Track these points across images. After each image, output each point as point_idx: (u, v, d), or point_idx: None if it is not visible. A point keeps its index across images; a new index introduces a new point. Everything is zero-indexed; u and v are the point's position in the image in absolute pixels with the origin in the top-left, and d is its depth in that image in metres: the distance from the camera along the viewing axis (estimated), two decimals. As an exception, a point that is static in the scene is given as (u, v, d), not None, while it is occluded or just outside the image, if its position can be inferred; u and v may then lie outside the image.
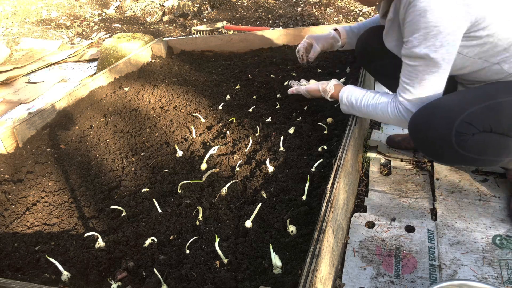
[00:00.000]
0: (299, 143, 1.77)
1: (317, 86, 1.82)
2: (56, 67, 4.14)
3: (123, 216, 1.48)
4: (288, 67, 2.73)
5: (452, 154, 1.31)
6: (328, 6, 5.08)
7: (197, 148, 1.85)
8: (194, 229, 1.37)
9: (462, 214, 1.47)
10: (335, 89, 1.72)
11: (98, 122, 2.17)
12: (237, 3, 5.83)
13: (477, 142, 1.27)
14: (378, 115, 1.51)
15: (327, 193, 1.23)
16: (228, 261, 1.20)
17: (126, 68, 2.87)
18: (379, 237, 1.41)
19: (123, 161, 1.82)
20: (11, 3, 7.17)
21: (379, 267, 1.29)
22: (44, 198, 1.63)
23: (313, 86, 1.86)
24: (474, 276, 1.23)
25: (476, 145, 1.27)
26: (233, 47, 3.23)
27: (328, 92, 1.74)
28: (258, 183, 1.54)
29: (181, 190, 1.56)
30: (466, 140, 1.26)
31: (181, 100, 2.34)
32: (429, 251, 1.33)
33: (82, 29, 5.66)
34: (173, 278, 1.16)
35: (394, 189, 1.65)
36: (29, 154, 1.95)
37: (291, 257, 1.17)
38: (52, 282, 1.19)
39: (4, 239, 1.43)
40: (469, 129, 1.25)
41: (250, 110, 2.14)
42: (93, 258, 1.28)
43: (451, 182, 1.62)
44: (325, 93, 1.76)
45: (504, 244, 1.33)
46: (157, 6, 6.17)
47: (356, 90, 1.60)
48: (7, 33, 5.76)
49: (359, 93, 1.57)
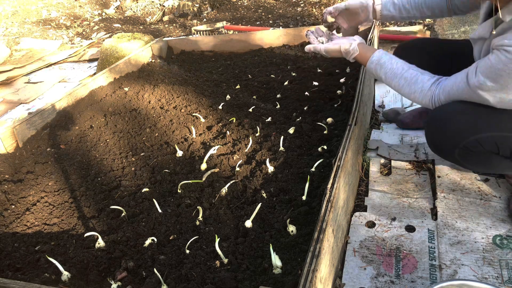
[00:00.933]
0: (299, 143, 1.76)
1: (338, 46, 1.57)
2: (56, 67, 4.14)
3: (123, 216, 1.48)
4: (288, 67, 2.73)
5: (458, 162, 1.42)
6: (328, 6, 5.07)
7: (197, 148, 1.85)
8: (194, 229, 1.37)
9: (463, 214, 1.47)
10: (360, 50, 1.53)
11: (98, 122, 2.17)
12: (237, 3, 5.83)
13: (478, 161, 1.36)
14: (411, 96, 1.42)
15: (327, 193, 1.23)
16: (228, 261, 1.20)
17: (126, 68, 2.87)
18: (379, 237, 1.41)
19: (123, 161, 1.82)
20: (11, 3, 7.17)
21: (379, 267, 1.29)
22: (44, 198, 1.63)
23: (333, 46, 1.58)
24: (474, 276, 1.23)
25: (477, 162, 1.37)
26: (233, 47, 3.23)
27: (351, 54, 1.55)
28: (258, 183, 1.54)
29: (181, 190, 1.56)
30: (468, 158, 1.35)
31: (181, 100, 2.34)
32: (429, 251, 1.33)
33: (82, 29, 5.66)
34: (173, 278, 1.16)
35: (394, 189, 1.64)
36: (29, 154, 1.95)
37: (291, 257, 1.17)
38: (52, 282, 1.19)
39: (4, 239, 1.43)
40: (477, 148, 1.31)
41: (250, 110, 2.14)
42: (93, 258, 1.28)
43: (453, 181, 1.62)
44: (348, 55, 1.56)
45: (504, 244, 1.32)
46: (157, 6, 6.17)
47: (388, 58, 1.47)
48: (7, 33, 5.76)
49: (392, 64, 1.45)
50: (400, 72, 1.43)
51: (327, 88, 2.29)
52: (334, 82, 2.35)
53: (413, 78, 1.40)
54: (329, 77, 2.45)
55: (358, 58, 1.55)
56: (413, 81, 1.40)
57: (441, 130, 1.34)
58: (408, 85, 1.41)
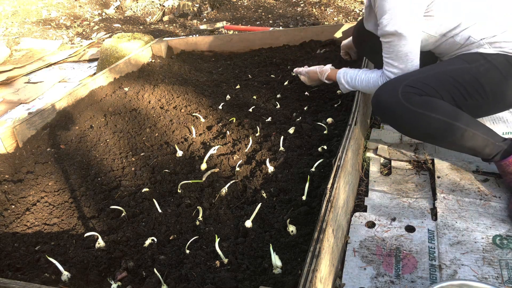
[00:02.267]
0: (299, 143, 1.77)
1: (315, 68, 2.10)
2: (56, 67, 4.14)
3: (123, 216, 1.48)
4: (288, 67, 2.73)
5: (404, 110, 1.48)
6: (328, 6, 5.07)
7: (197, 148, 1.85)
8: (194, 229, 1.37)
9: (463, 214, 1.47)
10: (331, 71, 2.00)
11: (98, 122, 2.17)
12: (237, 3, 5.83)
13: (421, 100, 1.47)
14: (371, 88, 1.74)
15: (327, 193, 1.23)
16: (228, 261, 1.20)
17: (126, 68, 2.87)
18: (379, 237, 1.41)
19: (123, 161, 1.82)
20: (11, 3, 7.17)
21: (379, 267, 1.29)
22: (44, 198, 1.63)
23: (312, 68, 2.13)
24: (474, 276, 1.23)
25: (420, 101, 1.46)
26: (233, 47, 3.23)
27: (324, 73, 2.01)
28: (258, 183, 1.54)
29: (181, 190, 1.56)
30: (411, 98, 1.47)
31: (181, 100, 2.34)
32: (429, 251, 1.33)
33: (82, 29, 5.66)
34: (173, 278, 1.16)
35: (394, 189, 1.65)
36: (29, 154, 1.95)
37: (291, 257, 1.17)
38: (52, 282, 1.19)
39: (4, 239, 1.43)
40: (412, 89, 1.48)
41: (250, 110, 2.14)
42: (93, 258, 1.28)
43: (452, 181, 1.62)
44: (322, 74, 2.03)
45: (504, 244, 1.32)
46: (157, 6, 6.17)
47: (350, 70, 1.87)
48: (7, 33, 5.76)
49: (353, 72, 1.84)
50: (359, 82, 1.80)
51: (327, 88, 2.29)
52: (334, 82, 2.35)
53: (369, 80, 1.75)
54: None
55: (330, 77, 2.00)
56: (371, 82, 1.74)
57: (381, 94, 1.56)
58: (370, 87, 1.76)
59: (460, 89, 1.49)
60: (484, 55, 1.50)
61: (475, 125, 1.46)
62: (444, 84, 1.50)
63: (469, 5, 1.51)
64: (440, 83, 1.50)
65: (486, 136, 1.46)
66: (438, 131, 1.47)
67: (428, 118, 1.45)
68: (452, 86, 1.49)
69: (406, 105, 1.46)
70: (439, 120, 1.44)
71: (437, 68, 1.56)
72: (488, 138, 1.46)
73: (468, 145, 1.48)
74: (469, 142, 1.47)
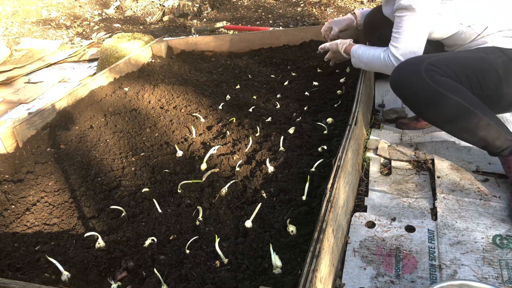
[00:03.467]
0: (299, 143, 1.77)
1: (337, 40, 2.15)
2: (56, 67, 4.14)
3: (123, 216, 1.48)
4: (288, 67, 2.73)
5: (425, 87, 1.47)
6: (328, 6, 5.07)
7: (197, 148, 1.85)
8: (194, 229, 1.37)
9: (463, 214, 1.47)
10: (349, 45, 2.04)
11: (98, 122, 2.17)
12: (237, 3, 5.83)
13: (444, 80, 1.47)
14: (374, 62, 1.80)
15: (327, 193, 1.23)
16: (228, 261, 1.20)
17: (126, 68, 2.87)
18: (379, 237, 1.41)
19: (123, 161, 1.82)
20: (11, 3, 7.17)
21: (379, 267, 1.29)
22: (44, 198, 1.63)
23: (335, 41, 2.17)
24: (474, 276, 1.23)
25: (442, 81, 1.46)
26: (233, 47, 3.23)
27: (343, 45, 2.05)
28: (258, 183, 1.54)
29: (181, 190, 1.56)
30: (434, 76, 1.47)
31: (181, 100, 2.34)
32: (429, 251, 1.33)
33: (82, 29, 5.66)
34: (173, 278, 1.16)
35: (394, 189, 1.65)
36: (29, 154, 1.95)
37: (291, 257, 1.17)
38: (52, 282, 1.19)
39: (4, 239, 1.43)
40: (435, 68, 1.49)
41: (250, 110, 2.14)
42: (93, 258, 1.28)
43: (452, 181, 1.62)
44: (341, 46, 2.06)
45: (504, 244, 1.32)
46: (157, 6, 6.17)
47: (364, 46, 1.93)
48: (7, 33, 5.76)
49: (365, 47, 1.90)
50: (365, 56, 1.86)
51: (327, 88, 2.29)
52: (334, 82, 2.36)
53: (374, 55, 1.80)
54: (329, 77, 2.46)
55: (347, 48, 2.04)
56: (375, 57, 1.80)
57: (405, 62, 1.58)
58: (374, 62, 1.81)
59: (478, 77, 1.50)
60: (502, 49, 1.53)
61: (491, 115, 1.46)
62: (465, 69, 1.50)
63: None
64: (461, 68, 1.50)
65: (499, 128, 1.46)
66: (455, 114, 1.47)
67: (448, 99, 1.45)
68: (471, 73, 1.50)
69: (428, 82, 1.46)
70: (458, 103, 1.44)
71: (458, 53, 1.59)
72: (501, 131, 1.47)
73: (481, 134, 1.47)
74: (482, 131, 1.46)
